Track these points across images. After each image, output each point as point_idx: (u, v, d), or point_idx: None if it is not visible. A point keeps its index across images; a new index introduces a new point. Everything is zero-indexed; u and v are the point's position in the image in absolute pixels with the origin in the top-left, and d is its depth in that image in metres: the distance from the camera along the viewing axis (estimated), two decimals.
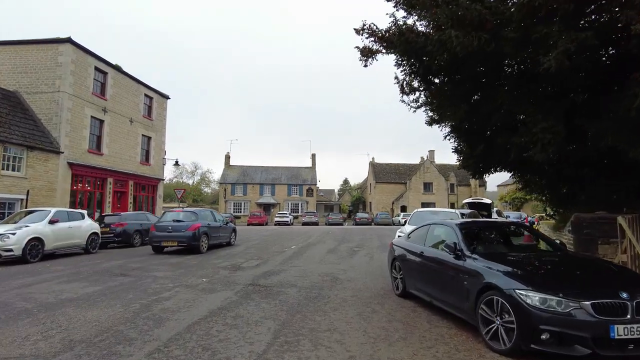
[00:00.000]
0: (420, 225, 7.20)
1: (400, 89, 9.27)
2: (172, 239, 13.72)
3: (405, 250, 7.07)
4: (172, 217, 14.42)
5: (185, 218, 14.29)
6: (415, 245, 6.76)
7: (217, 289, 7.58)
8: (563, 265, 5.00)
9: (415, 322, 5.42)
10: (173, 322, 5.32)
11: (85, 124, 19.84)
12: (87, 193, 20.68)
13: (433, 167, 53.78)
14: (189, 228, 13.66)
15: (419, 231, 7.12)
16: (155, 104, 26.55)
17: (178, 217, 14.41)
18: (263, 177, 55.86)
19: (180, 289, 7.57)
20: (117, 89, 22.50)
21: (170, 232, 13.76)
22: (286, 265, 10.80)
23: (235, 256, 12.77)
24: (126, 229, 16.63)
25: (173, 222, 14.04)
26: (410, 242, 7.12)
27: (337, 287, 7.75)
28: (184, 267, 10.44)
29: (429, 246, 6.34)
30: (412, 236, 7.29)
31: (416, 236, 7.10)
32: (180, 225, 13.82)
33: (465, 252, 5.25)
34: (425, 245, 6.44)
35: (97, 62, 20.65)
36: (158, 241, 13.85)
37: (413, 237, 7.22)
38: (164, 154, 27.81)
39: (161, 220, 14.76)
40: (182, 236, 13.58)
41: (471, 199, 20.56)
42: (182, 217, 14.35)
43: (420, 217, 11.29)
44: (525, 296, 4.03)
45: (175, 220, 14.13)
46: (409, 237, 7.35)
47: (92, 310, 5.96)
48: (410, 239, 7.26)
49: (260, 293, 7.19)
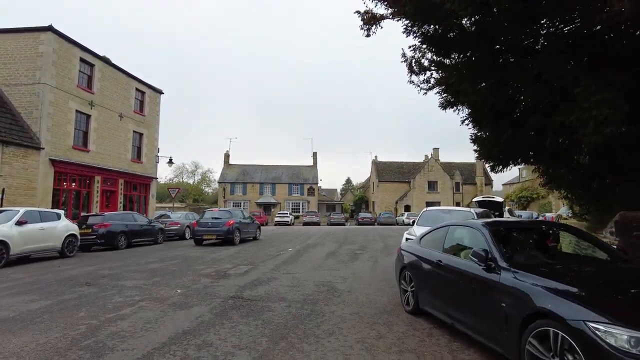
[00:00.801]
0: (435, 227, 5.93)
1: (409, 68, 8.00)
2: (211, 233, 16.55)
3: (417, 257, 5.80)
4: (211, 216, 17.32)
5: (222, 216, 17.20)
6: (430, 251, 5.49)
7: (191, 303, 6.32)
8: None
9: (434, 354, 4.15)
10: (117, 355, 4.06)
11: (69, 118, 18.62)
12: (73, 192, 19.47)
13: (438, 165, 52.36)
14: (225, 224, 16.57)
15: (434, 234, 5.85)
16: (147, 98, 25.30)
17: (216, 215, 17.34)
18: (263, 176, 54.60)
19: (146, 303, 6.32)
20: (106, 82, 21.28)
21: (210, 227, 16.62)
22: (279, 271, 9.53)
23: (222, 261, 11.51)
24: (110, 230, 15.41)
25: (212, 219, 16.90)
26: (423, 247, 5.85)
27: (335, 301, 6.48)
28: (162, 274, 9.20)
29: (449, 253, 5.07)
30: (424, 240, 6.02)
31: (430, 240, 5.82)
32: (218, 222, 16.68)
33: (500, 263, 3.98)
34: (444, 252, 5.17)
35: (83, 53, 19.42)
36: (200, 235, 16.64)
37: (426, 241, 5.94)
38: (157, 151, 26.57)
39: (202, 218, 17.57)
40: (220, 230, 16.46)
41: (481, 197, 19.20)
42: (219, 215, 17.27)
43: (429, 217, 9.99)
44: (606, 333, 2.74)
45: (214, 218, 17.01)
46: (421, 241, 6.08)
47: (21, 335, 4.71)
48: (422, 244, 5.99)
49: (241, 310, 5.92)
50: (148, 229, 17.76)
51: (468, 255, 4.49)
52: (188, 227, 21.27)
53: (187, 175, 76.56)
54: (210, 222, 16.77)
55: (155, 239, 18.12)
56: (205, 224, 16.77)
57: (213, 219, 16.93)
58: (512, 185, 54.92)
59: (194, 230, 17.06)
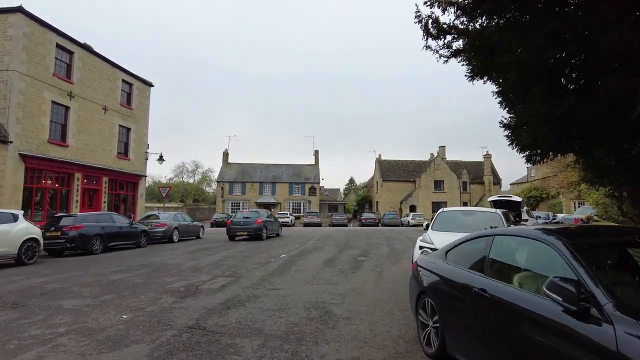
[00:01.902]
0: (470, 237, 4.19)
1: (424, 30, 6.28)
2: (243, 230, 19.32)
3: (442, 279, 4.08)
4: (242, 215, 20.45)
5: (251, 215, 20.33)
6: (464, 272, 3.76)
7: (130, 339, 4.61)
8: None
9: None
10: None
11: (44, 109, 16.98)
12: (49, 191, 17.85)
13: (444, 163, 50.41)
14: (255, 222, 19.41)
15: (469, 247, 4.11)
16: (135, 91, 23.64)
17: (246, 215, 20.53)
18: (263, 175, 52.92)
19: (68, 339, 4.61)
20: (87, 72, 19.63)
21: (242, 225, 19.44)
22: (263, 286, 7.80)
23: (200, 270, 9.80)
24: (82, 232, 13.74)
25: (243, 218, 19.85)
26: (451, 265, 4.12)
27: (328, 335, 4.75)
28: (119, 289, 7.50)
29: (496, 277, 3.32)
30: (453, 254, 4.28)
31: (463, 255, 4.09)
32: (249, 220, 19.56)
33: (607, 308, 2.25)
34: (487, 276, 3.43)
35: (60, 39, 17.78)
36: (233, 232, 19.34)
37: (456, 256, 4.21)
38: (147, 147, 24.92)
39: (235, 217, 20.57)
40: (250, 228, 19.22)
41: (497, 197, 17.34)
42: (249, 215, 20.40)
43: (447, 219, 8.23)
44: None
45: (245, 217, 19.99)
46: (447, 256, 4.34)
47: None
48: (449, 259, 4.26)
49: (195, 350, 4.20)
50: (129, 231, 16.09)
51: (537, 285, 2.77)
52: (176, 228, 19.62)
53: (187, 175, 75.14)
54: (242, 220, 19.65)
55: (138, 242, 16.46)
56: (238, 222, 19.59)
57: (244, 218, 19.91)
58: (520, 184, 52.97)
59: (228, 227, 19.81)
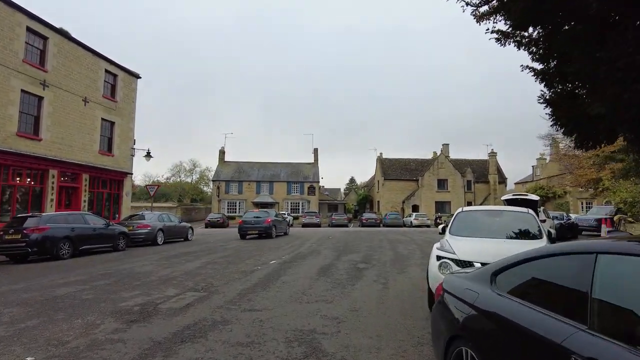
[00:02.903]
0: (543, 254, 2.56)
1: None
2: (254, 229, 20.42)
3: (495, 321, 2.48)
4: (253, 215, 21.53)
5: (261, 215, 21.36)
6: (547, 319, 2.13)
7: None
8: None
9: None
10: None
11: (11, 99, 15.40)
12: (18, 189, 16.29)
13: (448, 162, 48.73)
14: (265, 221, 20.46)
15: (540, 266, 2.50)
16: (120, 82, 22.05)
17: (257, 214, 21.66)
18: (260, 174, 51.30)
19: None
20: (64, 60, 18.04)
21: (253, 224, 20.50)
22: (238, 305, 6.21)
23: (170, 281, 8.21)
24: (47, 235, 12.23)
25: (254, 218, 20.86)
26: (507, 297, 2.52)
27: None
28: (56, 308, 5.92)
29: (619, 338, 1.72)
30: (508, 277, 2.69)
31: (529, 281, 2.50)
32: (259, 220, 20.59)
33: None
34: (598, 330, 1.83)
35: (31, 22, 16.21)
36: (245, 231, 20.45)
37: (513, 279, 2.63)
38: (133, 143, 23.33)
39: (246, 217, 21.68)
40: (261, 227, 20.31)
41: (512, 195, 15.70)
42: (259, 215, 21.46)
43: (469, 222, 6.65)
44: None
45: (255, 217, 21.00)
46: (497, 280, 2.75)
47: None
48: (502, 284, 2.68)
49: None
50: (104, 233, 14.55)
51: None
52: (161, 230, 18.06)
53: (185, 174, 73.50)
54: (252, 220, 20.69)
55: (115, 245, 14.94)
56: (249, 221, 20.65)
57: (255, 217, 20.97)
58: (525, 184, 51.36)
59: (240, 226, 20.87)
